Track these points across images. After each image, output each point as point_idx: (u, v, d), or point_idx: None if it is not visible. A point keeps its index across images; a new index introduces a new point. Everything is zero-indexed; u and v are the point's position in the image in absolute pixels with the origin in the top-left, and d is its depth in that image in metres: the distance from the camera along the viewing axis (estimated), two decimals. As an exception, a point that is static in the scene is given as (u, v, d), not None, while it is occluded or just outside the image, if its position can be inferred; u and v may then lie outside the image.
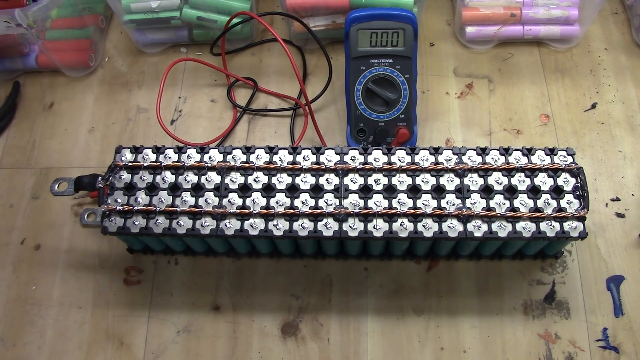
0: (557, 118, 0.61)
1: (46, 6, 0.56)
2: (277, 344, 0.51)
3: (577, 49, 0.65)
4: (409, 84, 0.53)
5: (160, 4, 0.61)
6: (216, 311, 0.53)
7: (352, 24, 0.51)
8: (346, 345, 0.51)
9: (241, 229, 0.46)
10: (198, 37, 0.66)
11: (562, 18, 0.63)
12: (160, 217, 0.46)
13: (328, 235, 0.45)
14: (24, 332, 0.53)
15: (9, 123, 0.64)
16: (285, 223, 0.46)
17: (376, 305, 0.52)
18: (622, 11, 0.68)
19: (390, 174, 0.47)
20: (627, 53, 0.65)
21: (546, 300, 0.52)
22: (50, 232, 0.57)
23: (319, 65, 0.65)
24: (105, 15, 0.70)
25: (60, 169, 0.61)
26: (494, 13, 0.62)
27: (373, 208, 0.46)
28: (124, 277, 0.55)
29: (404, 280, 0.53)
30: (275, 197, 0.47)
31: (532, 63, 0.64)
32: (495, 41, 0.65)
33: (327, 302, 0.53)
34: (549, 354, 0.50)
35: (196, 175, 0.48)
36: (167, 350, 0.51)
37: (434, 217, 0.45)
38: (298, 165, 0.48)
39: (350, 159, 0.48)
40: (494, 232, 0.45)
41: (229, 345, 0.51)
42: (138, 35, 0.65)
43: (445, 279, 0.53)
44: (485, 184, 0.46)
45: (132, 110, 0.64)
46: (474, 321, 0.51)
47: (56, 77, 0.67)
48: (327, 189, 0.47)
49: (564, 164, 0.47)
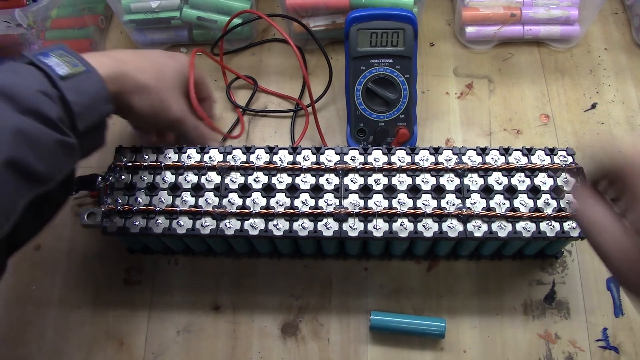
0: (557, 118, 0.61)
1: (46, 6, 0.56)
2: (277, 344, 0.51)
3: (577, 49, 0.65)
4: (409, 84, 0.53)
5: (160, 4, 0.61)
6: (216, 311, 0.53)
7: (352, 24, 0.51)
8: (346, 345, 0.51)
9: (241, 229, 0.46)
10: (198, 37, 0.66)
11: (562, 18, 0.63)
12: (160, 217, 0.46)
13: (328, 235, 0.45)
14: (24, 332, 0.53)
15: (9, 123, 0.64)
16: (285, 223, 0.46)
17: (376, 305, 0.52)
18: (622, 11, 0.68)
19: (390, 174, 0.47)
20: (627, 53, 0.65)
21: (546, 300, 0.52)
22: (50, 232, 0.57)
23: (319, 66, 0.65)
24: (105, 15, 0.70)
25: (60, 169, 0.60)
26: (494, 13, 0.62)
27: (373, 208, 0.46)
28: (124, 277, 0.55)
29: (404, 280, 0.53)
30: (275, 197, 0.47)
31: (532, 63, 0.64)
32: (495, 41, 0.65)
33: (327, 302, 0.53)
34: (549, 354, 0.50)
35: (196, 175, 0.48)
36: (167, 350, 0.51)
37: (434, 217, 0.45)
38: (298, 165, 0.48)
39: (350, 159, 0.48)
40: (494, 232, 0.45)
41: (229, 345, 0.51)
42: (138, 35, 0.65)
43: (445, 279, 0.53)
44: (485, 184, 0.46)
45: (132, 110, 0.64)
46: (474, 321, 0.51)
47: (56, 77, 0.67)
48: (327, 189, 0.47)
49: (564, 164, 0.47)
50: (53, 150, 0.37)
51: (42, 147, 0.36)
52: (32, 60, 0.39)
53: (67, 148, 0.38)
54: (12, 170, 0.34)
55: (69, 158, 0.39)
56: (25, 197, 0.35)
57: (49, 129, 0.36)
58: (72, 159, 0.39)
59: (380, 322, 0.50)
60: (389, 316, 0.51)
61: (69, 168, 0.40)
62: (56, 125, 0.37)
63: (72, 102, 0.38)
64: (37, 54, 0.40)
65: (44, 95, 0.37)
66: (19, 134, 0.34)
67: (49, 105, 0.37)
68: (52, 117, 0.36)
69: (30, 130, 0.35)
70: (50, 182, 0.37)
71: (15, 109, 0.35)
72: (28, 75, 0.38)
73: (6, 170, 0.33)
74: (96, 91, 0.41)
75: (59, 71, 0.39)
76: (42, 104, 0.36)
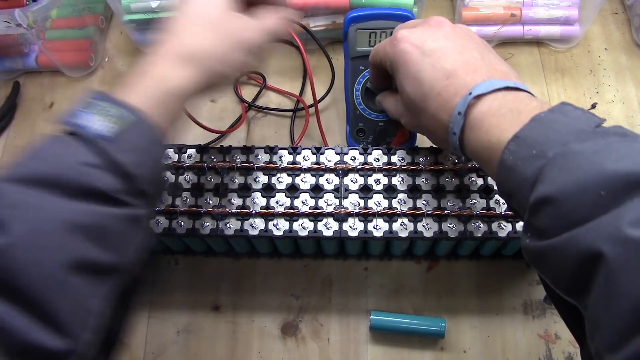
0: (557, 118, 0.61)
1: (46, 6, 0.56)
2: (277, 344, 0.51)
3: (577, 49, 0.65)
4: (409, 84, 0.53)
5: (160, 4, 0.61)
6: (216, 311, 0.53)
7: (350, 23, 0.51)
8: (346, 345, 0.51)
9: (241, 229, 0.46)
10: (198, 37, 0.66)
11: (562, 18, 0.62)
12: (161, 217, 0.46)
13: (328, 235, 0.45)
14: (24, 332, 0.52)
15: (9, 123, 0.64)
16: (285, 223, 0.46)
17: (376, 305, 0.52)
18: (622, 11, 0.68)
19: (390, 174, 0.47)
20: (627, 53, 0.65)
21: (546, 300, 0.52)
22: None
23: (319, 66, 0.65)
24: (105, 15, 0.69)
25: (60, 169, 0.60)
26: (494, 13, 0.62)
27: (373, 208, 0.46)
28: (124, 277, 0.54)
29: (404, 280, 0.53)
30: (275, 197, 0.47)
31: (532, 63, 0.64)
32: (495, 41, 0.65)
33: (327, 302, 0.53)
34: (549, 354, 0.50)
35: (196, 175, 0.48)
36: (167, 350, 0.51)
37: (434, 217, 0.45)
38: (298, 165, 0.48)
39: (350, 159, 0.48)
40: (493, 232, 0.45)
41: (229, 345, 0.51)
42: (138, 35, 0.65)
43: (445, 279, 0.53)
44: (485, 184, 0.46)
45: (132, 110, 0.64)
46: (474, 321, 0.51)
47: (56, 77, 0.67)
48: (327, 189, 0.47)
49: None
50: (117, 230, 0.31)
51: (104, 232, 0.30)
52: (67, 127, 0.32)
53: (134, 220, 0.32)
54: (76, 273, 0.29)
55: (139, 229, 0.33)
56: (99, 295, 0.30)
57: (107, 207, 0.31)
58: (142, 230, 0.34)
59: (380, 322, 0.50)
60: (389, 316, 0.51)
61: (142, 241, 0.34)
62: (114, 199, 0.31)
63: (126, 163, 0.32)
64: (73, 116, 0.33)
65: (90, 167, 0.31)
66: (73, 228, 0.29)
67: (99, 176, 0.31)
68: (106, 190, 0.31)
69: (86, 218, 0.30)
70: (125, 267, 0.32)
71: (62, 196, 0.30)
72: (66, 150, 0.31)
73: (68, 275, 0.29)
74: (150, 141, 0.34)
75: (103, 131, 0.32)
76: (90, 178, 0.30)
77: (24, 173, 0.30)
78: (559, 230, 0.28)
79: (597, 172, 0.27)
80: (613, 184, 0.26)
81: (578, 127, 0.30)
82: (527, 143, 0.31)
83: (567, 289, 0.29)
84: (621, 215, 0.25)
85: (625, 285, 0.24)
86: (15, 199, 0.29)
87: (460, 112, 0.35)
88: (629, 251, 0.24)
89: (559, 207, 0.28)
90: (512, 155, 0.31)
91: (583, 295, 0.27)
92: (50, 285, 0.28)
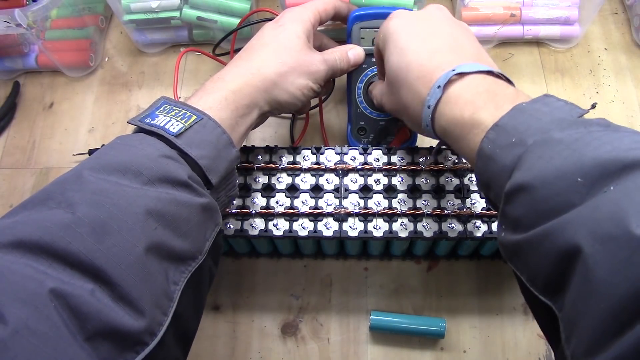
0: (557, 118, 0.61)
1: (46, 6, 0.56)
2: (277, 344, 0.51)
3: (577, 49, 0.65)
4: (409, 84, 0.53)
5: (160, 4, 0.61)
6: (216, 311, 0.53)
7: (354, 22, 0.51)
8: (346, 345, 0.51)
9: (241, 229, 0.46)
10: (198, 37, 0.66)
11: (562, 18, 0.62)
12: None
13: (328, 235, 0.45)
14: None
15: (9, 123, 0.64)
16: (285, 223, 0.46)
17: (376, 305, 0.52)
18: (622, 11, 0.68)
19: (390, 174, 0.47)
20: (627, 53, 0.65)
21: (546, 300, 0.52)
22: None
23: (319, 65, 0.65)
24: (105, 15, 0.70)
25: (60, 169, 0.61)
26: (494, 13, 0.62)
27: (373, 208, 0.46)
28: (124, 277, 0.54)
29: (404, 280, 0.53)
30: (275, 197, 0.47)
31: (532, 63, 0.64)
32: (495, 41, 0.65)
33: (327, 302, 0.53)
34: (549, 354, 0.50)
35: (196, 175, 0.48)
36: (167, 350, 0.51)
37: (434, 217, 0.45)
38: (298, 165, 0.48)
39: (350, 159, 0.48)
40: (493, 232, 0.45)
41: (229, 345, 0.51)
42: (138, 35, 0.65)
43: (445, 279, 0.53)
44: (485, 184, 0.46)
45: (132, 110, 0.64)
46: (474, 321, 0.51)
47: (56, 77, 0.67)
48: (327, 189, 0.47)
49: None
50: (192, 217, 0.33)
51: (180, 218, 0.33)
52: (140, 126, 0.36)
53: (207, 210, 0.35)
54: (153, 256, 0.30)
55: (210, 221, 0.36)
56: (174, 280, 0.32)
57: (183, 193, 0.33)
58: (213, 222, 0.36)
59: (380, 322, 0.50)
60: (389, 316, 0.51)
61: (213, 232, 0.36)
62: (189, 186, 0.34)
63: (196, 157, 0.35)
64: (142, 118, 0.37)
65: (166, 158, 0.34)
66: (152, 211, 0.31)
67: (175, 166, 0.34)
68: (182, 179, 0.33)
69: (164, 203, 0.32)
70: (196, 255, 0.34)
71: (141, 182, 0.32)
72: (143, 144, 0.35)
73: (149, 258, 0.30)
74: (216, 138, 0.37)
75: (171, 129, 0.35)
76: (168, 167, 0.33)
77: (105, 162, 0.33)
78: (534, 220, 0.27)
79: (576, 159, 0.26)
80: (591, 171, 0.25)
81: (560, 117, 0.30)
82: (506, 131, 0.30)
83: (544, 286, 0.28)
84: (599, 207, 0.24)
85: (604, 285, 0.23)
86: (98, 186, 0.31)
87: (440, 86, 0.35)
88: (607, 247, 0.23)
89: (534, 194, 0.27)
90: (491, 144, 0.31)
91: (559, 294, 0.26)
92: (131, 267, 0.29)
